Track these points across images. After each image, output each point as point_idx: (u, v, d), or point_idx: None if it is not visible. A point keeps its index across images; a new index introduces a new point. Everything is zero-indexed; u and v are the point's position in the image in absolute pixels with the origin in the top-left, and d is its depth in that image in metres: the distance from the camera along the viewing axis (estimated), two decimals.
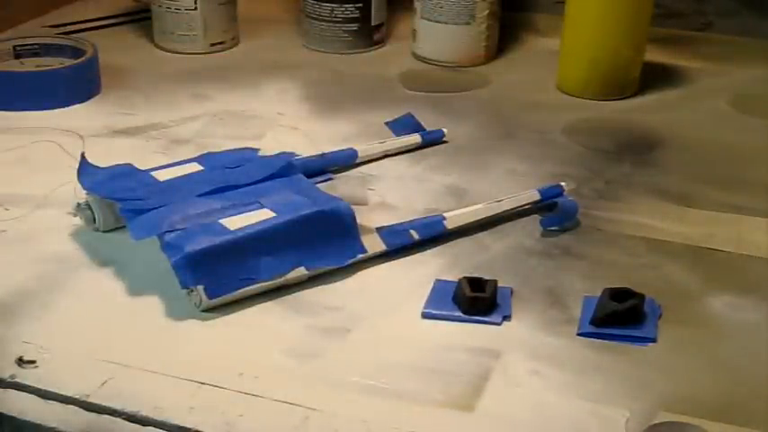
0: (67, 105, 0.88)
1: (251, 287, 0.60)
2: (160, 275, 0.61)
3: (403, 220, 0.68)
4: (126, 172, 0.69)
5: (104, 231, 0.68)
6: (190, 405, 0.52)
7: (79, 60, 0.90)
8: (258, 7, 1.14)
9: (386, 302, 0.61)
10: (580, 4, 0.91)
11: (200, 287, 0.59)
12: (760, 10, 1.06)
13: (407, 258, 0.66)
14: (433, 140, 0.83)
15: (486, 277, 0.61)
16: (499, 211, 0.70)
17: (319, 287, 0.63)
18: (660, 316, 0.60)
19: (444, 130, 0.84)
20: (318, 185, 0.70)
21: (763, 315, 0.61)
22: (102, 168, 0.69)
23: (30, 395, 0.53)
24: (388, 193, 0.75)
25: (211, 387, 0.54)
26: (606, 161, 0.80)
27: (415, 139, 0.82)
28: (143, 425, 0.51)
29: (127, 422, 0.52)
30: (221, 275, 0.59)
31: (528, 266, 0.66)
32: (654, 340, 0.58)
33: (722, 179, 0.78)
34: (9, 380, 0.54)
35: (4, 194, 0.73)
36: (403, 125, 0.84)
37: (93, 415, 0.52)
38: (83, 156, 0.69)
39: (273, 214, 0.62)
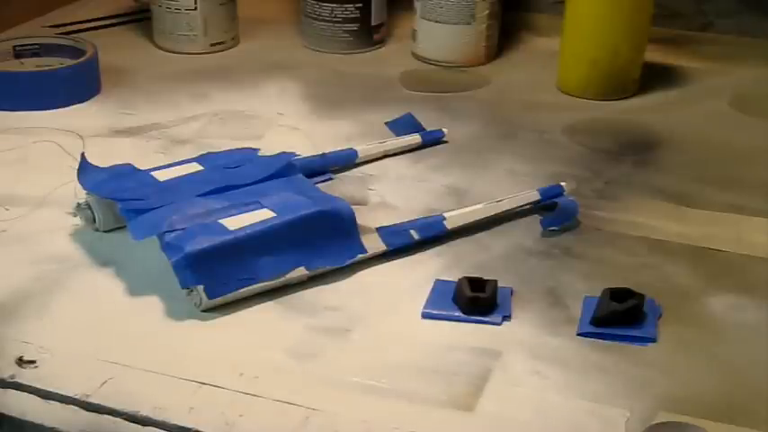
0: (67, 105, 0.88)
1: (251, 287, 0.60)
2: (160, 275, 0.61)
3: (403, 220, 0.68)
4: (126, 172, 0.69)
5: (104, 231, 0.68)
6: (190, 405, 0.52)
7: (79, 60, 0.90)
8: (258, 7, 1.14)
9: (386, 302, 0.61)
10: (580, 4, 0.91)
11: (201, 287, 0.59)
12: (760, 10, 1.06)
13: (407, 258, 0.66)
14: (433, 140, 0.83)
15: (486, 277, 0.61)
16: (499, 211, 0.70)
17: (319, 287, 0.63)
18: (660, 316, 0.60)
19: (444, 130, 0.84)
20: (318, 185, 0.70)
21: (763, 315, 0.61)
22: (103, 168, 0.69)
23: (30, 395, 0.53)
24: (388, 193, 0.75)
25: (211, 387, 0.54)
26: (606, 161, 0.80)
27: (415, 139, 0.82)
28: (143, 425, 0.51)
29: (127, 422, 0.52)
30: (221, 275, 0.59)
31: (528, 266, 0.66)
32: (654, 340, 0.58)
33: (722, 179, 0.78)
34: (9, 380, 0.54)
35: (4, 194, 0.73)
36: (403, 125, 0.84)
37: (93, 415, 0.52)
38: (83, 156, 0.69)
39: (273, 214, 0.62)
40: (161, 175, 0.68)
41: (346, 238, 0.64)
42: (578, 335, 0.58)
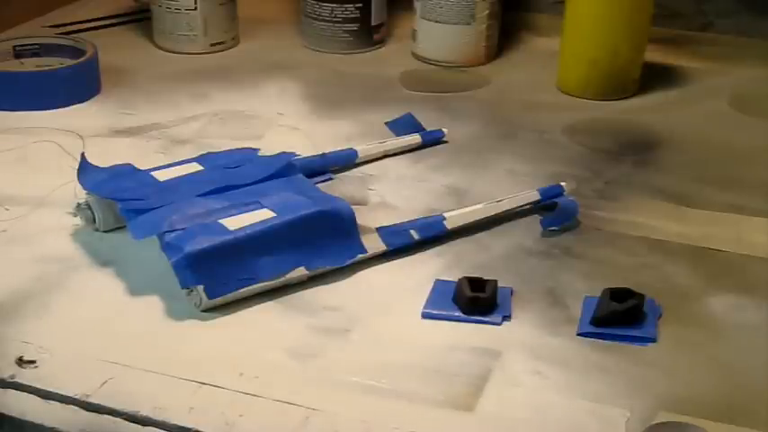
0: (67, 105, 0.88)
1: (251, 287, 0.60)
2: (160, 275, 0.61)
3: (403, 220, 0.68)
4: (126, 172, 0.69)
5: (104, 231, 0.68)
6: (190, 405, 0.52)
7: (79, 60, 0.90)
8: (258, 7, 1.14)
9: (386, 302, 0.61)
10: (580, 4, 0.91)
11: (201, 287, 0.59)
12: (760, 10, 1.06)
13: (407, 258, 0.66)
14: (433, 140, 0.83)
15: (486, 277, 0.61)
16: (499, 211, 0.70)
17: (319, 287, 0.63)
18: (660, 316, 0.60)
19: (444, 130, 0.84)
20: (318, 185, 0.70)
21: (764, 315, 0.61)
22: (103, 168, 0.69)
23: (30, 395, 0.53)
24: (388, 193, 0.75)
25: (211, 387, 0.54)
26: (606, 161, 0.80)
27: (415, 139, 0.82)
28: (143, 425, 0.51)
29: (127, 422, 0.52)
30: (221, 275, 0.59)
31: (528, 266, 0.66)
32: (654, 340, 0.58)
33: (722, 179, 0.78)
34: (9, 380, 0.54)
35: (4, 194, 0.73)
36: (403, 125, 0.84)
37: (93, 415, 0.52)
38: (83, 156, 0.69)
39: (273, 214, 0.62)
40: (161, 175, 0.68)
41: (346, 238, 0.64)
42: (578, 335, 0.58)
